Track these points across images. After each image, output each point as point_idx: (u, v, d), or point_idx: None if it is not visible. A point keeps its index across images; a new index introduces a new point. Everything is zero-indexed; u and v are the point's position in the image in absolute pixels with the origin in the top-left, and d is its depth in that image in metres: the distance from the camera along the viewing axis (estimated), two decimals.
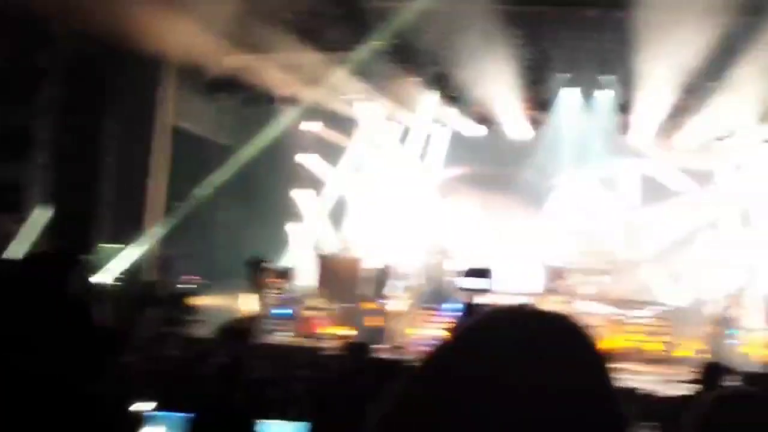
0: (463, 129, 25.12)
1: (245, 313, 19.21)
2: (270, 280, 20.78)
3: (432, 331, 19.78)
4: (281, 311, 21.06)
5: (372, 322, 20.94)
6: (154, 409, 6.21)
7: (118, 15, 16.77)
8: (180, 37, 19.22)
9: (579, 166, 25.06)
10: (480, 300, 17.93)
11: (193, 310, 19.15)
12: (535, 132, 24.99)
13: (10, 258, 15.85)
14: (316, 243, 25.43)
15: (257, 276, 20.16)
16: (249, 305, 19.79)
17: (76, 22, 17.23)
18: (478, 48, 20.29)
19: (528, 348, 1.29)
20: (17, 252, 18.79)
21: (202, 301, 19.68)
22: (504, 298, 19.63)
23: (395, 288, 20.97)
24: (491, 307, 1.42)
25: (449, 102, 23.74)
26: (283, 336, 20.41)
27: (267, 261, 21.14)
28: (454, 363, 1.31)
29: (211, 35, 19.43)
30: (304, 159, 26.33)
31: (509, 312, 1.41)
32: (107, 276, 19.73)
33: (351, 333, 20.21)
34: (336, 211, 25.98)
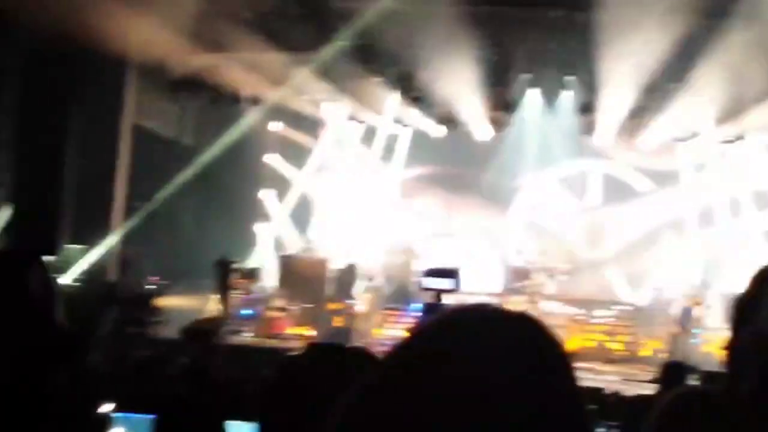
0: (427, 129, 25.14)
1: (210, 314, 19.17)
2: (236, 280, 20.75)
3: (398, 332, 19.80)
4: (246, 312, 21.04)
5: (338, 322, 20.98)
6: (113, 411, 6.17)
7: (79, 13, 16.67)
8: (142, 36, 19.15)
9: (542, 166, 25.18)
10: (444, 300, 17.96)
11: (157, 310, 19.08)
12: (499, 132, 25.06)
13: None
14: (279, 243, 25.40)
15: (225, 277, 20.11)
16: (215, 306, 19.77)
17: (37, 20, 17.10)
18: (441, 48, 20.35)
19: (489, 348, 1.27)
20: None
21: (166, 302, 19.60)
22: (467, 298, 19.68)
23: (361, 288, 20.96)
24: (451, 307, 1.40)
25: (413, 102, 23.77)
26: (248, 337, 20.39)
27: (234, 262, 21.10)
28: (410, 363, 1.29)
29: (174, 34, 19.37)
30: (270, 159, 26.28)
31: (470, 311, 1.37)
32: (70, 276, 19.60)
33: (314, 334, 20.24)
34: (301, 212, 25.94)
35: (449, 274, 19.04)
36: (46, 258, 3.64)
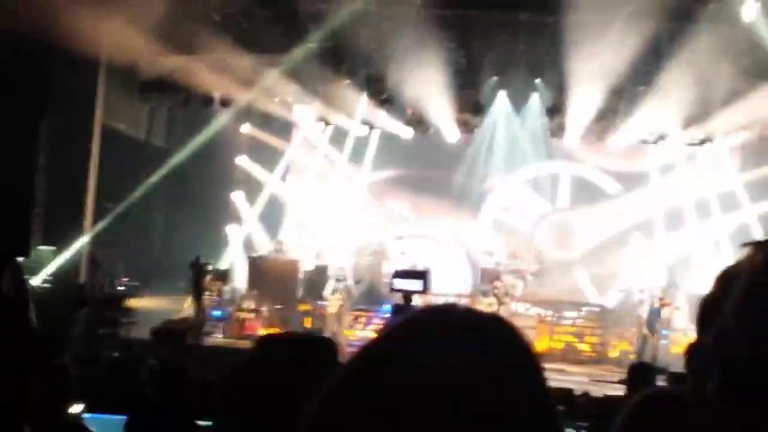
0: (397, 131, 25.13)
1: (182, 315, 19.17)
2: (208, 282, 20.71)
3: (368, 333, 19.82)
4: (217, 313, 20.99)
5: (309, 323, 21.00)
6: (83, 411, 6.16)
7: (50, 14, 16.60)
8: (113, 38, 19.10)
9: (511, 168, 25.28)
10: (414, 301, 17.97)
11: (128, 311, 19.03)
12: (468, 135, 25.08)
13: None
14: (249, 245, 25.35)
15: (199, 278, 20.07)
16: (189, 307, 19.74)
17: (7, 20, 17.01)
18: (410, 51, 20.41)
19: (458, 349, 1.25)
20: None
21: (137, 303, 19.55)
22: (436, 299, 19.73)
23: (332, 290, 20.95)
24: (419, 307, 1.36)
25: (382, 104, 23.76)
26: (219, 338, 20.35)
27: (209, 263, 21.08)
28: (378, 365, 1.27)
29: (144, 36, 19.32)
30: (240, 161, 26.20)
31: (439, 312, 1.35)
32: (41, 278, 19.52)
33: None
34: (272, 213, 25.87)
35: (418, 275, 19.12)
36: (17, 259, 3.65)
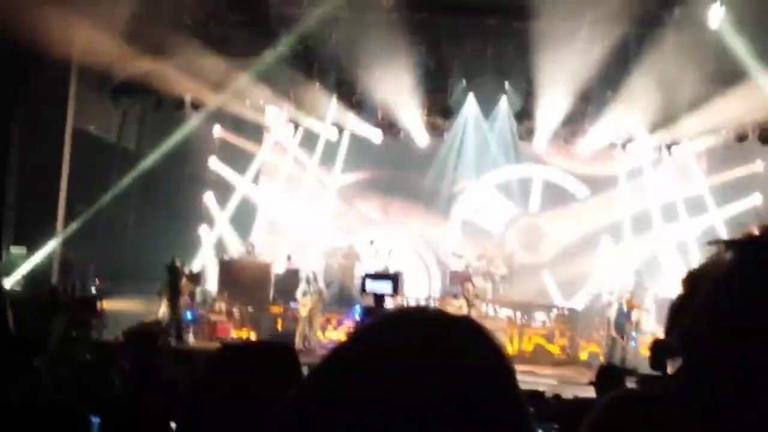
0: (366, 134, 25.19)
1: (155, 317, 19.13)
2: (182, 283, 20.69)
3: (340, 335, 19.85)
4: (190, 315, 20.95)
5: (281, 325, 21.03)
6: None
7: (21, 16, 16.57)
8: (85, 41, 19.07)
9: (481, 172, 25.38)
10: (384, 304, 18.02)
11: (101, 313, 18.98)
12: (437, 138, 25.18)
13: None
14: (221, 247, 25.35)
15: (175, 280, 20.04)
16: (164, 309, 19.71)
17: None
18: (379, 54, 20.47)
19: (429, 351, 1.25)
20: None
21: (109, 304, 19.51)
22: (406, 301, 19.81)
23: (303, 292, 20.95)
24: (390, 310, 1.38)
25: (352, 107, 23.83)
26: (191, 339, 20.32)
27: (184, 265, 21.06)
28: (348, 367, 1.28)
29: (116, 39, 19.31)
30: (212, 163, 26.16)
31: (410, 315, 1.36)
32: (13, 279, 19.46)
33: (256, 337, 20.23)
34: (243, 215, 25.85)
35: (389, 278, 19.17)
36: None
